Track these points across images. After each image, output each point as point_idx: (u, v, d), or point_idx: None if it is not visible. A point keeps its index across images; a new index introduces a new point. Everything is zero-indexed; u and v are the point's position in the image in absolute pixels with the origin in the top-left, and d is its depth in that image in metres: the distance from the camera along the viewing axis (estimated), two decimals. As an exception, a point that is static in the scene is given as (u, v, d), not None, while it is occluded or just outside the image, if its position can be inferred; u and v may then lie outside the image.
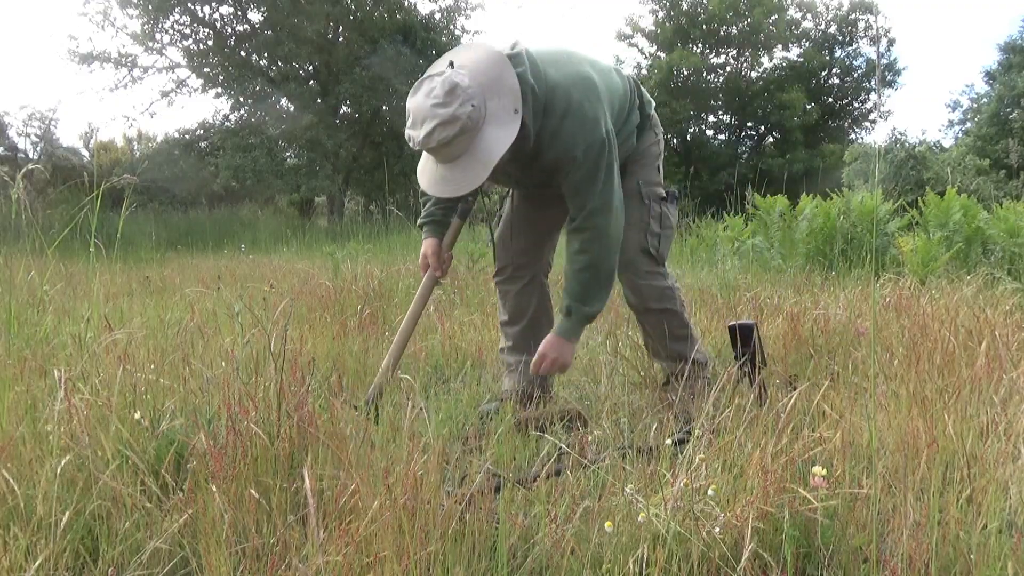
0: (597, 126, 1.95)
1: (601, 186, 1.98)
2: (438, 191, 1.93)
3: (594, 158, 1.96)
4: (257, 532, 1.31)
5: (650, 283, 2.24)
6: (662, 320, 2.26)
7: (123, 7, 16.82)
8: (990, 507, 1.33)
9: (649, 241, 2.22)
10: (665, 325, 2.26)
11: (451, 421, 2.11)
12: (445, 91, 1.77)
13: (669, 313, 2.27)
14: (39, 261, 3.18)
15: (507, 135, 1.84)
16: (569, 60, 2.03)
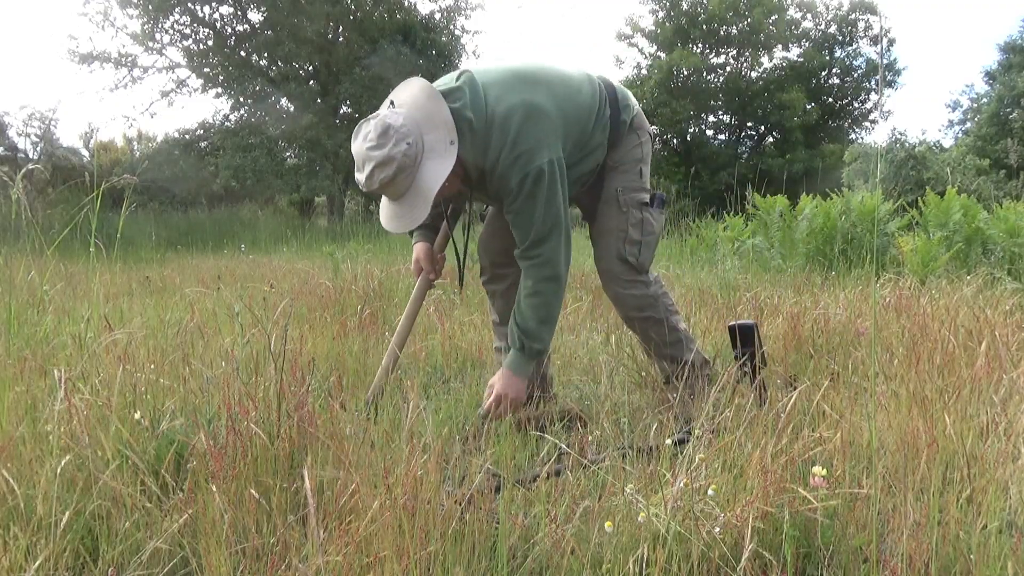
0: (532, 157, 1.92)
1: (542, 214, 1.96)
2: (393, 228, 1.96)
3: (529, 188, 1.93)
4: (257, 532, 1.31)
5: (630, 292, 2.20)
6: (647, 328, 2.24)
7: (123, 7, 16.84)
8: (990, 507, 1.33)
9: (628, 250, 2.17)
10: (652, 333, 2.24)
11: (451, 421, 2.11)
12: (378, 133, 1.83)
13: (652, 321, 2.23)
14: (39, 261, 3.18)
15: (444, 167, 1.88)
16: (521, 84, 2.00)
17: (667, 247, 7.02)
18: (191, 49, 18.05)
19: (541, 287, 2.00)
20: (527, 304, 2.01)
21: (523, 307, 2.01)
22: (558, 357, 2.85)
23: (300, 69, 18.43)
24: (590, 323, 3.52)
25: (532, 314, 2.00)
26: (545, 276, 2.00)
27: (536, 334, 2.01)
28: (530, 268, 2.01)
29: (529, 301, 2.01)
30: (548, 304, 2.02)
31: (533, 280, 2.01)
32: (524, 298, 2.02)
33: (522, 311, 2.01)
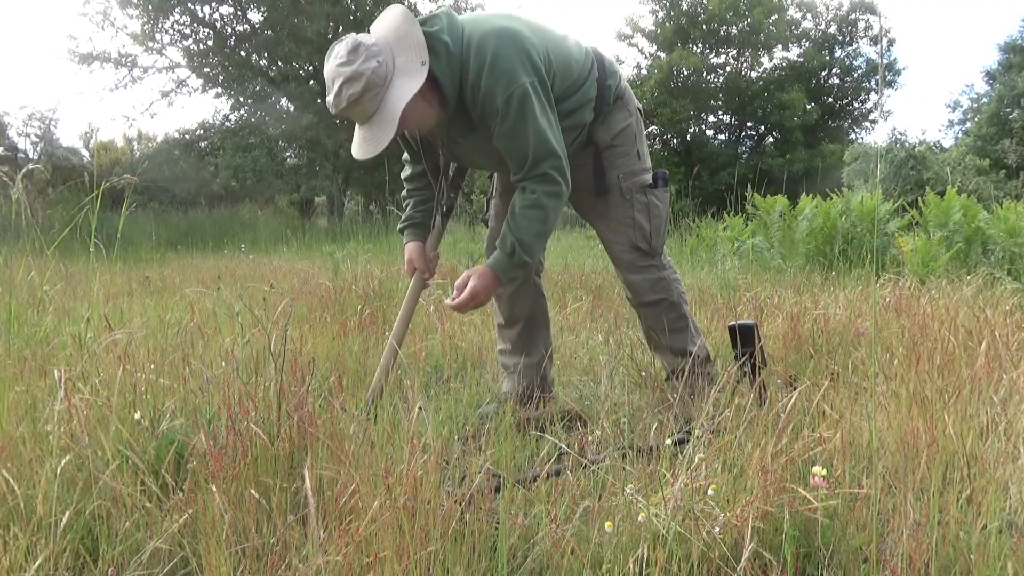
0: (514, 76, 1.90)
1: (536, 131, 1.92)
2: (362, 153, 1.91)
3: (517, 109, 1.90)
4: (257, 532, 1.31)
5: (645, 276, 2.20)
6: (659, 313, 2.22)
7: (123, 7, 16.84)
8: (990, 507, 1.33)
9: (638, 236, 2.17)
10: (663, 318, 2.22)
11: (451, 421, 2.11)
12: (348, 50, 1.82)
13: (665, 305, 2.22)
14: (39, 261, 3.18)
15: (412, 84, 1.84)
16: (498, 18, 2.01)
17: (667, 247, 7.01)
18: (191, 49, 18.05)
19: (545, 200, 1.96)
20: (527, 215, 1.96)
21: (521, 217, 1.97)
22: (558, 357, 2.84)
23: (300, 69, 18.43)
24: (590, 323, 3.52)
25: (530, 226, 1.97)
26: (550, 191, 1.96)
27: (529, 247, 1.98)
28: (533, 183, 1.97)
29: (530, 212, 1.97)
30: (547, 219, 1.98)
31: (538, 193, 1.96)
32: (524, 208, 1.97)
33: (519, 222, 1.97)
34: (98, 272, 2.95)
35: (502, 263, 1.99)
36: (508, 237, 1.98)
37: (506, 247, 1.98)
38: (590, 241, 10.36)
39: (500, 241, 2.00)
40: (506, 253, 1.98)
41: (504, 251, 1.98)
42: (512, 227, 1.98)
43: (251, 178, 16.75)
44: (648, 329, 2.31)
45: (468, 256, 5.74)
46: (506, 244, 1.98)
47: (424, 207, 2.29)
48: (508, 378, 2.39)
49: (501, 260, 2.00)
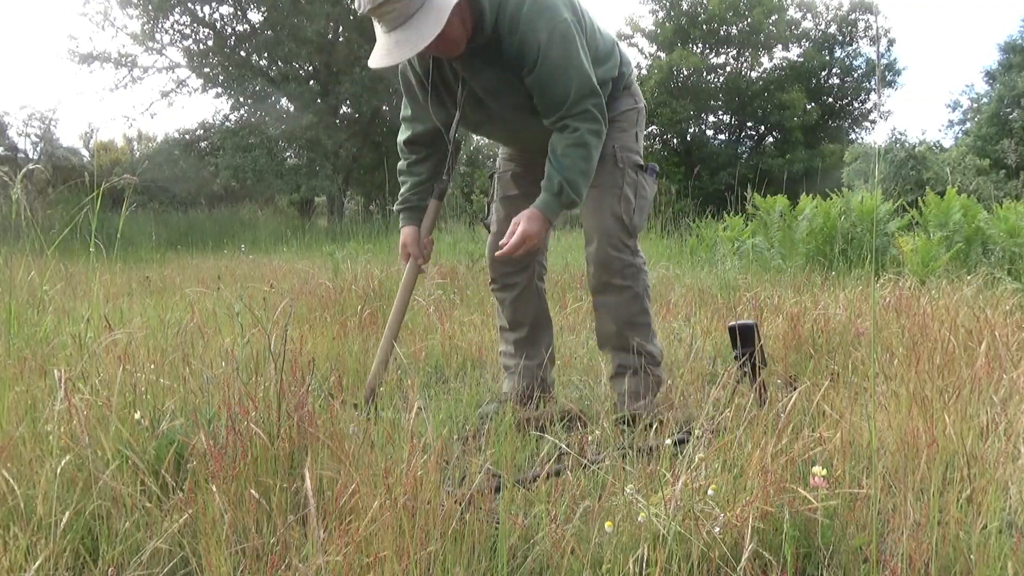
0: (558, 10, 1.90)
1: (576, 66, 1.91)
2: (393, 59, 1.81)
3: (560, 43, 1.88)
4: (257, 532, 1.31)
5: (619, 255, 2.13)
6: (620, 302, 2.16)
7: (123, 7, 16.84)
8: (990, 507, 1.33)
9: (622, 207, 2.12)
10: (626, 308, 2.16)
11: (451, 421, 2.11)
12: None
13: (631, 294, 2.15)
14: (39, 261, 3.18)
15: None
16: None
17: (667, 247, 7.02)
18: (191, 49, 18.05)
19: (588, 138, 1.94)
20: (572, 154, 1.93)
21: (565, 156, 1.94)
22: (558, 357, 2.85)
23: (300, 69, 18.43)
24: (590, 323, 3.52)
25: (574, 165, 1.94)
26: (592, 129, 1.95)
27: (576, 185, 1.95)
28: (575, 120, 1.94)
29: (574, 151, 1.94)
30: (590, 157, 1.96)
31: (581, 131, 1.94)
32: (569, 147, 1.94)
33: (564, 161, 1.94)
34: (98, 272, 2.95)
35: (550, 203, 1.97)
36: (555, 177, 1.94)
37: (552, 187, 1.95)
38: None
39: (546, 182, 1.97)
40: (553, 193, 1.95)
41: (551, 191, 1.95)
42: (557, 167, 1.95)
43: (251, 178, 16.75)
44: (603, 320, 2.21)
45: (468, 256, 5.73)
46: (552, 184, 1.94)
47: (420, 188, 2.25)
48: (509, 378, 2.38)
49: (549, 201, 1.97)
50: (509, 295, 2.35)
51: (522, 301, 2.36)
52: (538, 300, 2.39)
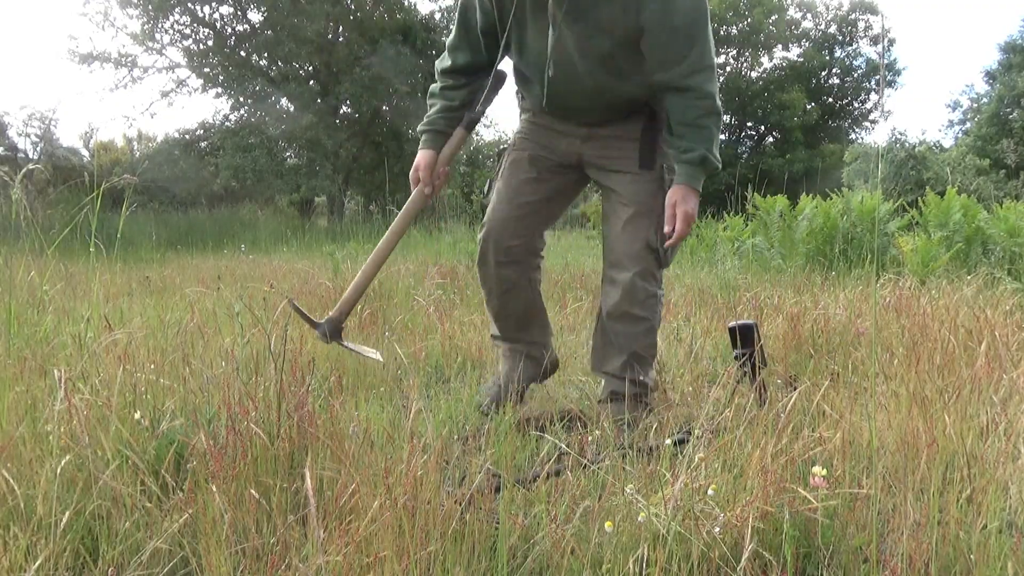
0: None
1: (704, 28, 1.83)
2: None
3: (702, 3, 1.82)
4: (257, 532, 1.31)
5: (646, 286, 2.03)
6: (637, 332, 2.06)
7: (123, 7, 16.84)
8: (990, 507, 1.33)
9: (659, 237, 2.00)
10: (638, 340, 2.06)
11: (451, 421, 2.11)
12: None
13: (647, 326, 2.06)
14: (39, 261, 3.18)
15: None
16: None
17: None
18: (191, 49, 18.05)
19: (706, 121, 1.88)
20: (710, 123, 1.88)
21: (704, 128, 1.87)
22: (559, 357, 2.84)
23: (300, 69, 18.43)
24: (590, 323, 3.52)
25: (713, 136, 1.89)
26: (710, 109, 1.88)
27: (715, 155, 1.90)
28: (702, 82, 1.85)
29: (711, 120, 1.88)
30: (719, 127, 1.92)
31: (713, 99, 1.87)
32: (703, 116, 1.87)
33: (703, 133, 1.87)
34: (98, 272, 2.95)
35: (696, 175, 1.90)
36: (696, 149, 1.86)
37: (695, 159, 1.87)
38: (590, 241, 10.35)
39: (684, 155, 1.89)
40: (696, 165, 1.88)
41: (694, 163, 1.88)
42: (696, 138, 1.87)
43: (251, 178, 16.75)
44: (610, 345, 2.11)
45: (468, 256, 5.73)
46: (695, 156, 1.87)
47: (451, 113, 2.09)
48: (506, 360, 2.30)
49: (694, 173, 1.90)
50: (497, 287, 2.18)
51: (515, 298, 2.21)
52: (530, 293, 2.23)
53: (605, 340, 2.15)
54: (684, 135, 1.88)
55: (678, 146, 1.90)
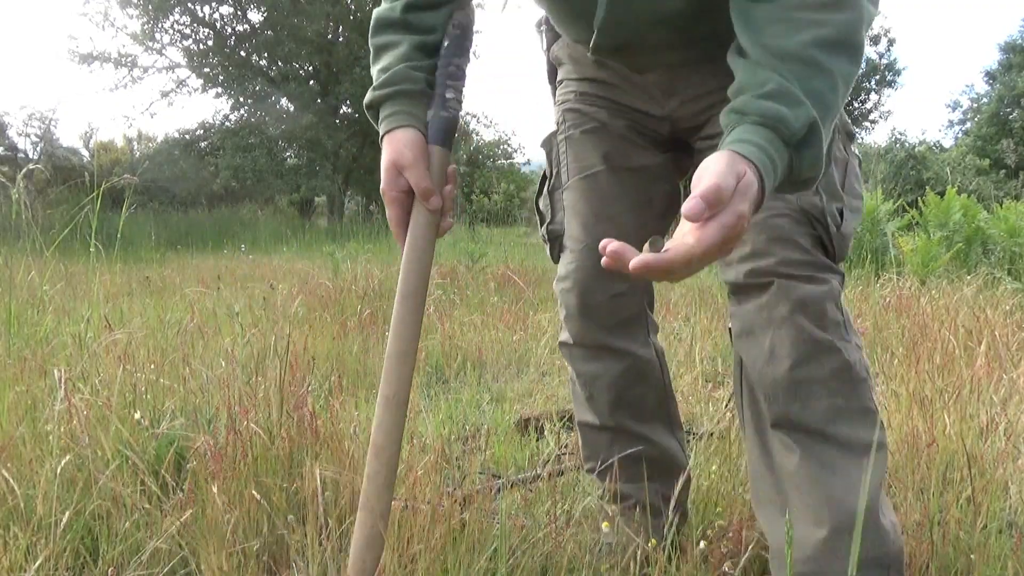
0: None
1: None
2: None
3: None
4: (257, 532, 1.31)
5: (819, 289, 1.03)
6: (826, 393, 1.02)
7: (123, 7, 16.83)
8: (990, 507, 1.33)
9: (825, 209, 1.04)
10: (830, 401, 1.02)
11: (451, 421, 2.11)
12: None
13: (832, 356, 1.02)
14: (39, 261, 3.18)
15: None
16: None
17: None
18: (191, 49, 18.04)
19: (858, 40, 0.86)
20: (835, 61, 0.84)
21: (821, 64, 0.83)
22: (557, 357, 2.84)
23: (300, 69, 18.43)
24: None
25: (834, 85, 0.84)
26: (838, 38, 0.84)
27: (826, 126, 0.83)
28: (812, 22, 0.84)
29: (841, 54, 0.85)
30: (852, 79, 0.87)
31: (854, 21, 0.86)
32: (826, 46, 0.84)
33: (814, 77, 0.83)
34: (98, 272, 2.95)
35: (775, 162, 0.80)
36: (792, 114, 0.80)
37: (784, 128, 0.80)
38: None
39: (770, 120, 0.80)
40: (784, 139, 0.80)
41: (780, 135, 0.80)
42: (793, 73, 0.82)
43: (251, 178, 16.75)
44: (785, 442, 1.04)
45: (468, 257, 5.73)
46: (785, 123, 0.80)
47: (423, 59, 1.06)
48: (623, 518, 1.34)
49: (775, 158, 0.80)
50: (605, 366, 1.28)
51: (626, 380, 1.29)
52: (659, 375, 1.33)
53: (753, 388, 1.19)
54: (781, 68, 0.83)
55: (751, 82, 0.84)
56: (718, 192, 0.71)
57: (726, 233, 0.72)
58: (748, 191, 0.75)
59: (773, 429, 1.05)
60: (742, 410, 1.11)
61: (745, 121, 0.81)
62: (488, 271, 5.22)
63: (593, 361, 1.29)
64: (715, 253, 0.73)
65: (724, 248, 0.74)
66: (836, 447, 1.01)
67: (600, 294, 1.24)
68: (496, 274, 5.01)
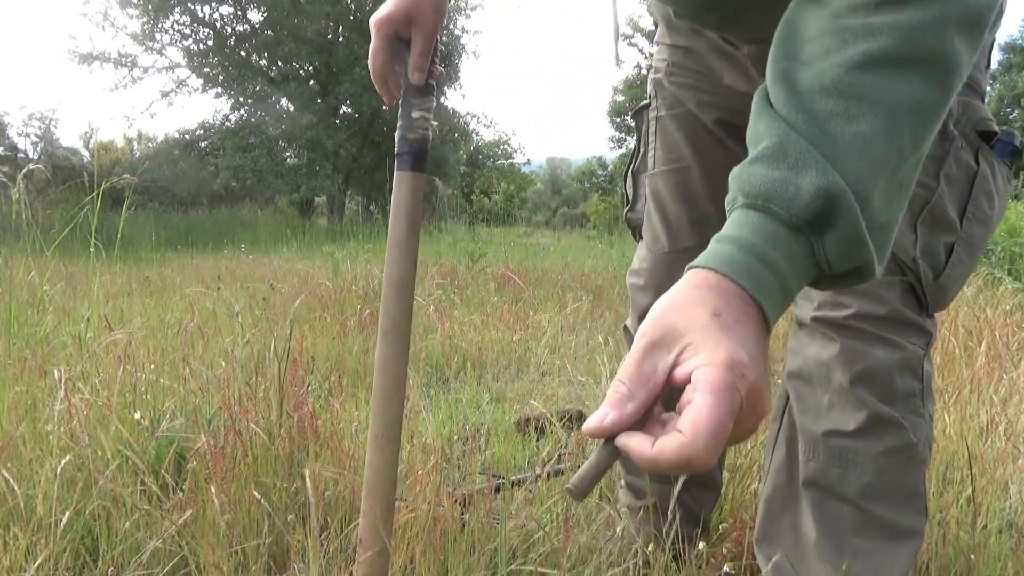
0: None
1: None
2: None
3: None
4: (257, 532, 1.31)
5: (885, 356, 0.89)
6: (874, 463, 0.90)
7: (123, 7, 16.85)
8: (990, 507, 1.33)
9: (925, 247, 0.88)
10: (876, 476, 0.90)
11: (451, 421, 2.11)
12: None
13: (897, 451, 0.90)
14: (39, 261, 3.18)
15: None
16: None
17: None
18: (191, 49, 18.07)
19: (956, 53, 0.56)
20: (890, 84, 0.54)
21: (864, 87, 0.54)
22: (558, 357, 2.85)
23: (300, 69, 18.44)
24: (590, 323, 3.52)
25: (886, 127, 0.54)
26: (911, 46, 0.55)
27: (893, 198, 0.56)
28: (878, 26, 0.55)
29: (902, 74, 0.55)
30: (934, 118, 0.56)
31: (907, 33, 0.55)
32: (877, 61, 0.54)
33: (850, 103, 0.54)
34: (98, 272, 2.95)
35: (774, 264, 0.52)
36: (790, 183, 0.53)
37: (778, 208, 0.53)
38: (590, 241, 10.34)
39: (757, 198, 0.54)
40: (785, 222, 0.53)
41: (777, 218, 0.53)
42: (826, 138, 0.53)
43: (251, 178, 16.77)
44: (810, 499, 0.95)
45: (468, 257, 5.73)
46: (776, 199, 0.53)
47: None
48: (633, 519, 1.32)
49: (775, 256, 0.52)
50: None
51: None
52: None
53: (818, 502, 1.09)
54: (788, 109, 0.56)
55: (750, 137, 0.59)
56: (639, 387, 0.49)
57: (709, 434, 0.45)
58: (718, 332, 0.47)
59: (804, 487, 0.94)
60: (773, 446, 1.00)
61: (736, 205, 0.56)
62: (488, 271, 5.22)
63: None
64: (707, 449, 0.45)
65: (741, 432, 0.48)
66: (867, 526, 0.90)
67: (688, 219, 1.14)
68: (496, 274, 5.01)
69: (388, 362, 0.93)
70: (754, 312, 0.50)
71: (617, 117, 24.40)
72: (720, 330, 0.47)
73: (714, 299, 0.49)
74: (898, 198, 0.56)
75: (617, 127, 24.78)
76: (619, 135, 24.78)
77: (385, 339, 0.93)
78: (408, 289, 0.93)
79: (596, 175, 31.41)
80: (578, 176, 35.01)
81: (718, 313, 0.48)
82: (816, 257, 0.53)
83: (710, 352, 0.47)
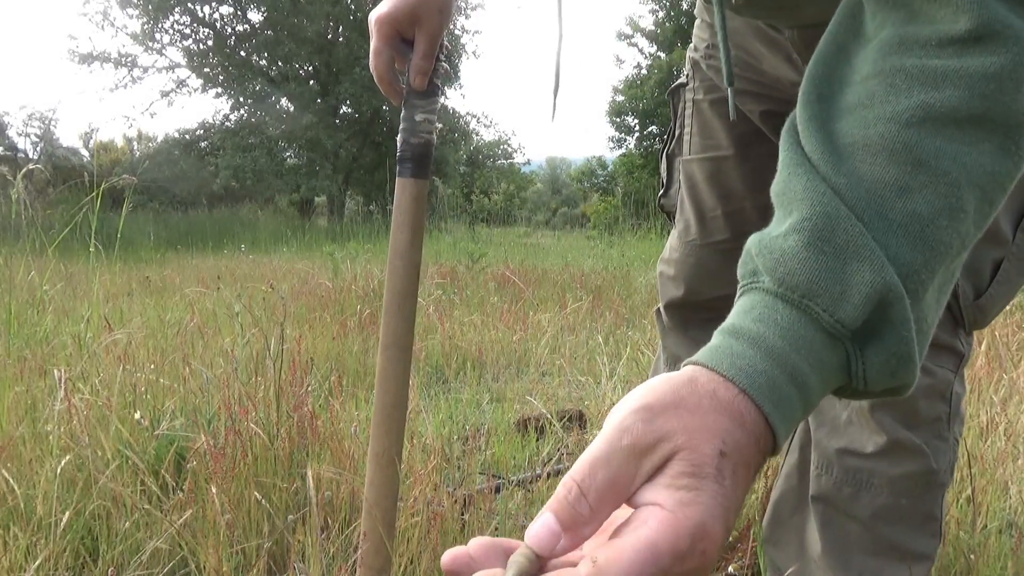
0: None
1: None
2: None
3: None
4: (257, 532, 1.31)
5: (926, 383, 0.84)
6: (891, 486, 0.86)
7: (123, 7, 16.86)
8: (990, 507, 1.33)
9: (968, 263, 0.56)
10: (891, 499, 0.87)
11: (451, 421, 2.11)
12: None
13: (916, 477, 0.86)
14: (39, 261, 3.18)
15: None
16: None
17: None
18: (191, 49, 18.08)
19: (957, 155, 0.42)
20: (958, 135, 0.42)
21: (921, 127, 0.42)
22: (558, 357, 2.85)
23: (300, 69, 18.45)
24: (590, 323, 3.52)
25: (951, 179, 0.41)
26: (984, 101, 0.41)
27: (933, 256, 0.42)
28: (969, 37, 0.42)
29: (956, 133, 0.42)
30: (958, 224, 0.42)
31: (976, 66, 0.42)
32: (919, 127, 0.42)
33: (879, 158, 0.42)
34: (98, 272, 2.95)
35: (798, 374, 0.40)
36: (838, 281, 0.40)
37: (821, 310, 0.40)
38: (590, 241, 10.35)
39: (794, 292, 0.41)
40: (828, 327, 0.40)
41: (817, 321, 0.40)
42: (879, 221, 0.41)
43: (251, 178, 16.78)
44: (832, 510, 0.90)
45: (468, 257, 5.72)
46: (819, 298, 0.40)
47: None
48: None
49: (799, 363, 0.40)
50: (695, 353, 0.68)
51: None
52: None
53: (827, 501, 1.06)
54: (827, 169, 0.43)
55: (776, 197, 0.46)
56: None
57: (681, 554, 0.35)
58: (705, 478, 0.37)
59: (813, 502, 0.89)
60: (787, 449, 0.96)
61: (757, 284, 0.43)
62: (488, 271, 5.22)
63: (680, 345, 1.17)
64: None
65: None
66: (876, 546, 0.86)
67: (705, 293, 1.11)
68: (496, 274, 5.01)
69: (389, 378, 0.89)
70: (764, 445, 0.39)
71: (617, 117, 24.41)
72: (715, 479, 0.36)
73: (727, 426, 0.38)
74: (946, 291, 0.44)
75: (617, 127, 24.78)
76: (619, 135, 24.78)
77: (386, 354, 0.88)
78: (410, 302, 0.90)
79: (596, 175, 31.40)
80: (578, 176, 35.00)
81: (725, 453, 0.37)
82: (851, 371, 0.42)
83: (687, 498, 0.36)
